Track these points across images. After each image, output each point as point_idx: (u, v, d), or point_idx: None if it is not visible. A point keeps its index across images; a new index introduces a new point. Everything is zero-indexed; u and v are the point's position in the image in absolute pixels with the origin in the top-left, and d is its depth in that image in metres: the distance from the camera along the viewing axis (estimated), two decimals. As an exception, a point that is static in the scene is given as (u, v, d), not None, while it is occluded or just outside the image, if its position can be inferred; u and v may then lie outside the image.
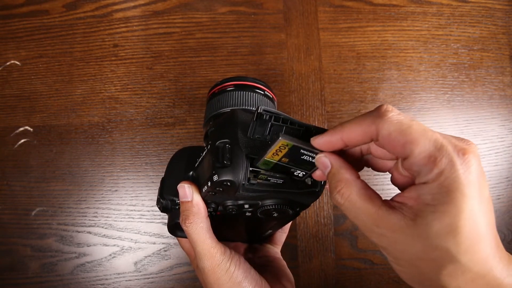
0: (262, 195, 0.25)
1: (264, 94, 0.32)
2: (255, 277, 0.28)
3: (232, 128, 0.25)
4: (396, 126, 0.19)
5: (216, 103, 0.31)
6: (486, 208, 0.18)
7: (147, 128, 0.48)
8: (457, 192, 0.17)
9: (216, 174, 0.23)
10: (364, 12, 0.52)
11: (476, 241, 0.17)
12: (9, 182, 0.47)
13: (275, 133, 0.23)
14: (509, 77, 0.53)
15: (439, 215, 0.18)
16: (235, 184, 0.23)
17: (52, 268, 0.46)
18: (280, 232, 0.36)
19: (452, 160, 0.18)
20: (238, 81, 0.32)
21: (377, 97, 0.50)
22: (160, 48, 0.50)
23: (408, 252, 0.19)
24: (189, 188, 0.26)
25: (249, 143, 0.24)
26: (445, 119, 0.51)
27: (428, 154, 0.18)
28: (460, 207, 0.17)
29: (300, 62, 0.50)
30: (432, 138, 0.18)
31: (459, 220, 0.17)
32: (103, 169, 0.47)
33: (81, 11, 0.50)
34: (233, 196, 0.25)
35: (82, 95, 0.48)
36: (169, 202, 0.28)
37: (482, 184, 0.18)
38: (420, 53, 0.52)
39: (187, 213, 0.26)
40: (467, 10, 0.53)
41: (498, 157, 0.51)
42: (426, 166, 0.18)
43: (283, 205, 0.26)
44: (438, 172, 0.18)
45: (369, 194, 0.20)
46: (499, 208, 0.50)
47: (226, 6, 0.51)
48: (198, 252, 0.27)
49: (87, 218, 0.46)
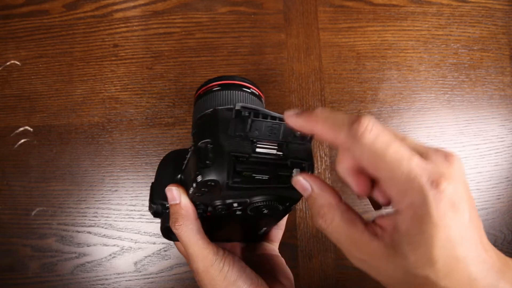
0: (249, 193, 0.25)
1: (251, 92, 0.32)
2: (251, 276, 0.28)
3: (213, 128, 0.24)
4: (369, 151, 0.18)
5: (201, 104, 0.30)
6: (465, 230, 0.18)
7: (147, 128, 0.48)
8: (429, 224, 0.17)
9: (200, 174, 0.23)
10: (364, 12, 0.52)
11: (455, 265, 0.17)
12: (9, 182, 0.47)
13: (255, 129, 0.22)
14: (509, 77, 0.53)
15: (414, 246, 0.18)
16: (219, 183, 0.23)
17: (52, 268, 0.46)
18: (276, 229, 0.36)
19: (423, 192, 0.17)
20: (223, 80, 0.31)
21: (377, 97, 0.50)
22: (160, 48, 0.50)
23: (390, 278, 0.19)
24: (176, 191, 0.26)
25: (231, 141, 0.24)
26: (445, 119, 0.51)
27: (400, 185, 0.18)
28: (433, 237, 0.17)
29: (300, 62, 0.50)
30: (406, 168, 0.18)
31: (433, 250, 0.17)
32: (103, 169, 0.47)
33: (81, 11, 0.50)
34: (219, 196, 0.25)
35: (82, 95, 0.48)
36: (160, 206, 0.29)
37: (461, 209, 0.18)
38: (420, 53, 0.52)
39: (176, 216, 0.26)
40: (467, 10, 0.53)
41: (498, 157, 0.51)
42: (397, 195, 0.18)
43: (272, 201, 0.25)
44: (409, 203, 0.18)
45: (352, 218, 0.20)
46: (499, 208, 0.50)
47: (226, 6, 0.51)
48: (190, 254, 0.27)
49: (87, 218, 0.46)
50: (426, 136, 0.50)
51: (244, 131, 0.23)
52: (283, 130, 0.23)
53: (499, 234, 0.50)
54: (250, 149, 0.23)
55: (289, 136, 0.24)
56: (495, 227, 0.50)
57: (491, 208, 0.50)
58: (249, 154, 0.23)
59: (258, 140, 0.23)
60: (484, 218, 0.50)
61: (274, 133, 0.23)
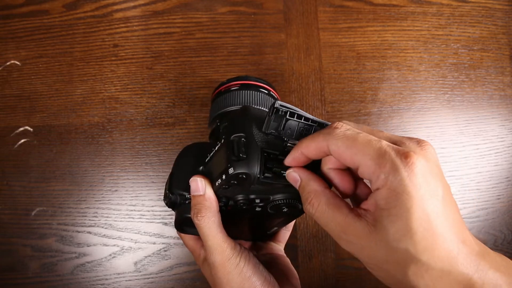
0: (274, 190, 0.25)
1: (268, 93, 0.33)
2: (264, 273, 0.28)
3: (246, 123, 0.25)
4: (342, 140, 0.20)
5: (222, 101, 0.31)
6: (441, 206, 0.19)
7: (147, 128, 0.48)
8: (404, 194, 0.18)
9: (232, 167, 0.23)
10: (364, 12, 0.52)
11: (434, 239, 0.18)
12: (9, 182, 0.47)
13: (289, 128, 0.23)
14: (509, 77, 0.53)
15: (392, 218, 0.18)
16: (250, 177, 0.23)
17: (52, 268, 0.46)
18: (284, 230, 0.37)
19: (394, 164, 0.19)
20: (243, 80, 0.32)
21: (377, 97, 0.50)
22: (160, 48, 0.50)
23: (374, 257, 0.20)
24: (201, 182, 0.26)
25: (264, 137, 0.24)
26: (445, 119, 0.51)
27: (373, 162, 0.19)
28: (410, 208, 0.18)
29: (300, 62, 0.50)
30: (375, 146, 0.19)
31: (411, 221, 0.18)
32: (103, 169, 0.47)
33: (81, 11, 0.50)
34: (246, 190, 0.25)
35: (82, 95, 0.48)
36: (178, 197, 0.28)
37: (434, 184, 0.19)
38: (420, 53, 0.52)
39: (199, 207, 0.26)
40: (467, 10, 0.53)
41: (498, 157, 0.51)
42: (374, 173, 0.19)
43: (294, 200, 0.26)
44: (384, 177, 0.19)
45: (337, 203, 0.21)
46: (499, 208, 0.50)
47: (226, 6, 0.51)
48: (209, 246, 0.27)
49: (87, 218, 0.46)
50: (426, 136, 0.50)
51: (278, 129, 0.23)
52: (313, 132, 0.23)
53: (499, 234, 0.50)
54: (281, 148, 0.24)
55: None
56: (495, 227, 0.50)
57: (491, 208, 0.50)
58: (280, 152, 0.24)
59: (290, 140, 0.24)
60: (484, 218, 0.50)
61: (305, 134, 0.24)
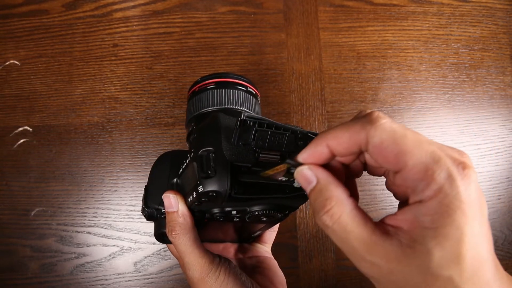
0: (249, 202, 0.24)
1: (247, 90, 0.31)
2: (246, 283, 0.27)
3: (215, 135, 0.24)
4: (389, 134, 0.17)
5: (196, 102, 0.30)
6: (486, 229, 0.16)
7: (147, 128, 0.48)
8: (458, 212, 0.15)
9: (201, 184, 0.22)
10: (364, 11, 0.52)
11: (479, 267, 0.16)
12: (8, 182, 0.47)
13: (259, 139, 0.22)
14: (510, 77, 0.52)
15: (440, 240, 0.15)
16: (221, 195, 0.22)
17: (52, 268, 0.46)
18: (269, 231, 0.36)
19: (451, 175, 0.16)
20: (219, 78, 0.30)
21: (378, 97, 0.50)
22: (160, 48, 0.49)
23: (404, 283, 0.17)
24: (174, 198, 0.26)
25: (234, 149, 0.23)
26: (445, 119, 0.51)
27: (424, 167, 0.16)
28: (462, 230, 0.15)
29: (300, 62, 0.50)
30: (429, 149, 0.16)
31: (462, 245, 0.15)
32: (102, 169, 0.47)
33: (81, 11, 0.50)
34: (219, 205, 0.24)
35: (82, 95, 0.48)
36: (154, 211, 0.28)
37: (482, 203, 0.16)
38: (420, 53, 0.52)
39: (173, 224, 0.25)
40: (467, 9, 0.53)
41: (498, 157, 0.51)
42: (422, 181, 0.16)
43: (272, 210, 0.25)
44: (437, 188, 0.16)
45: (363, 216, 0.18)
46: (500, 208, 0.50)
47: (226, 6, 0.51)
48: (186, 262, 0.26)
49: (86, 218, 0.46)
50: (427, 136, 0.50)
51: (247, 140, 0.22)
52: (287, 140, 0.22)
53: (499, 234, 0.50)
54: (252, 159, 0.23)
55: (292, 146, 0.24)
56: (496, 227, 0.50)
57: (492, 209, 0.50)
58: (251, 164, 0.23)
59: (261, 150, 0.23)
60: (484, 218, 0.50)
61: (278, 143, 0.22)
